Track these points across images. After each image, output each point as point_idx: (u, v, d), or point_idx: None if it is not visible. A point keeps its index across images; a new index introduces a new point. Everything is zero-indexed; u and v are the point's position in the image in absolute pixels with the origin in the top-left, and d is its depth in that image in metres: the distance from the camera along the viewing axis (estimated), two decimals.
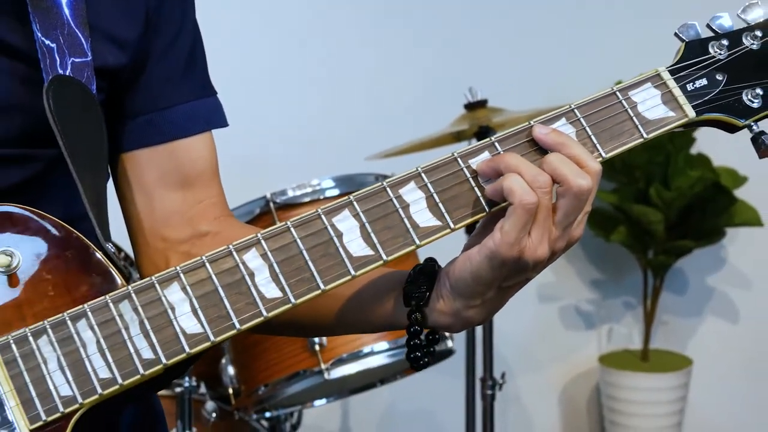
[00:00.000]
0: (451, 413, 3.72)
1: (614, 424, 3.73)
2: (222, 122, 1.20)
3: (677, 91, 1.04)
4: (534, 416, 3.96)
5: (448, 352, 2.42)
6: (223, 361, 2.31)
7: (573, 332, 3.97)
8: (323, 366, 2.16)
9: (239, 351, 2.32)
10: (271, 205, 2.25)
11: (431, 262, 1.04)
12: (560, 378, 3.99)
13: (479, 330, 2.83)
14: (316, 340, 2.16)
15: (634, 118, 1.02)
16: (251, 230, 1.22)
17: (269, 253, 0.96)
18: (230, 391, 2.30)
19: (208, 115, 1.18)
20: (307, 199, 2.28)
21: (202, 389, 2.27)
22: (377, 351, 2.21)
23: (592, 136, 1.00)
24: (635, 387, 3.64)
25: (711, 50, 1.06)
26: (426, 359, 1.03)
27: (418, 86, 3.56)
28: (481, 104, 2.71)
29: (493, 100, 2.77)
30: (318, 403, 2.50)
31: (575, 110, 1.00)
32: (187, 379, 2.13)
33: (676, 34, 1.07)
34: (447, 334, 2.31)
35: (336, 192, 2.30)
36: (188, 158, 1.16)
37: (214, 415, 2.23)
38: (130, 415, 1.11)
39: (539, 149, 0.98)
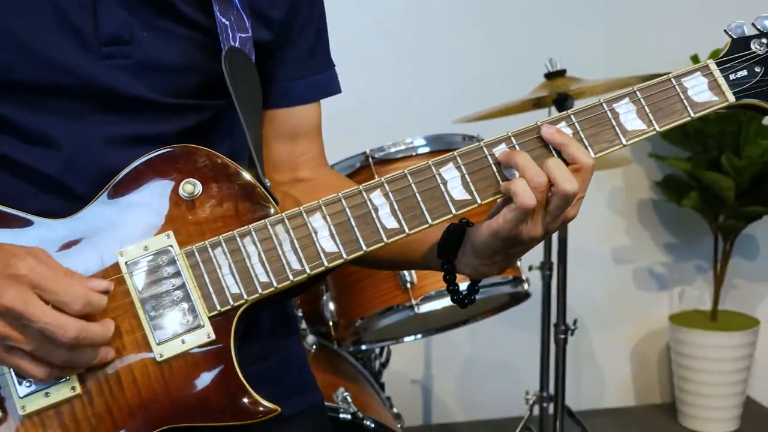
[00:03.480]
0: (526, 364, 3.89)
1: (683, 379, 3.87)
2: (336, 90, 1.43)
3: (721, 80, 1.22)
4: (606, 371, 4.12)
5: (525, 295, 2.64)
6: (324, 298, 2.54)
7: (645, 293, 4.11)
8: (413, 302, 2.41)
9: (339, 289, 2.55)
10: (370, 159, 2.47)
11: (463, 222, 1.26)
12: (632, 336, 4.14)
13: (554, 283, 3.05)
14: (407, 278, 2.41)
15: (685, 100, 1.21)
16: (341, 178, 1.49)
17: (390, 193, 1.18)
18: (330, 323, 2.54)
19: (325, 86, 1.42)
20: (401, 155, 2.49)
21: (303, 325, 2.48)
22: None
23: (649, 114, 1.20)
24: (704, 344, 3.78)
25: (752, 46, 1.24)
26: (465, 299, 1.29)
27: (504, 56, 3.71)
28: (560, 74, 2.89)
29: (572, 70, 2.94)
30: (407, 339, 2.75)
31: (637, 92, 1.21)
32: None
33: (725, 31, 1.25)
34: (524, 278, 2.56)
35: (427, 149, 2.51)
36: (301, 119, 1.40)
37: (314, 347, 2.45)
38: (269, 317, 1.33)
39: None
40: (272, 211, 1.19)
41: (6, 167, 1.20)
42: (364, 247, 1.18)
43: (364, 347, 2.63)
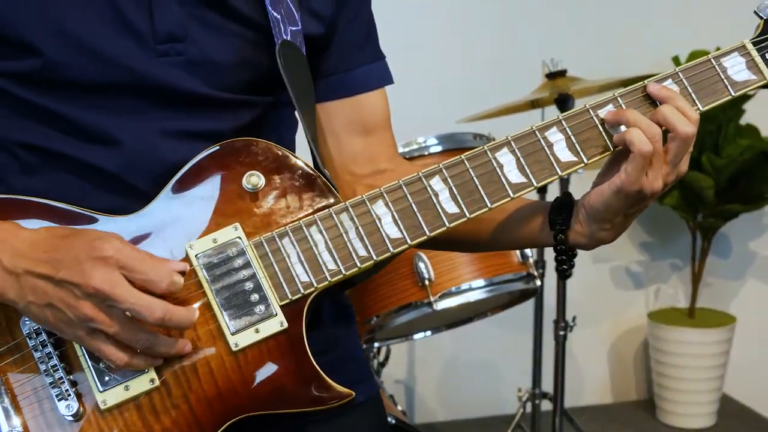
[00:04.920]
0: (507, 362, 3.98)
1: (662, 375, 3.94)
2: (390, 80, 1.44)
3: (758, 59, 1.25)
4: (584, 369, 4.17)
5: (534, 291, 2.67)
6: None
7: (622, 291, 4.18)
8: (432, 298, 2.43)
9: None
10: None
11: (568, 194, 1.30)
12: (609, 334, 4.20)
13: (551, 279, 3.09)
14: (425, 275, 2.42)
15: (725, 80, 1.25)
16: (416, 167, 1.48)
17: (449, 179, 1.20)
18: None
19: (381, 74, 1.42)
20: (415, 154, 2.51)
21: None
22: (476, 287, 2.47)
23: (692, 93, 1.24)
24: (682, 341, 3.85)
25: None
26: (569, 269, 1.31)
27: (503, 57, 3.74)
28: (561, 74, 2.94)
29: (572, 70, 2.99)
30: (417, 336, 2.77)
31: (679, 73, 1.24)
32: None
33: (755, 12, 1.29)
34: (536, 274, 2.59)
35: (439, 149, 2.53)
36: (369, 109, 1.40)
37: None
38: (329, 306, 1.35)
39: (651, 103, 1.23)
40: (333, 200, 1.21)
41: (66, 166, 1.20)
42: (428, 232, 1.20)
43: (376, 345, 2.63)
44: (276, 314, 1.15)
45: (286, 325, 1.15)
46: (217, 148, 1.19)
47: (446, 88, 3.66)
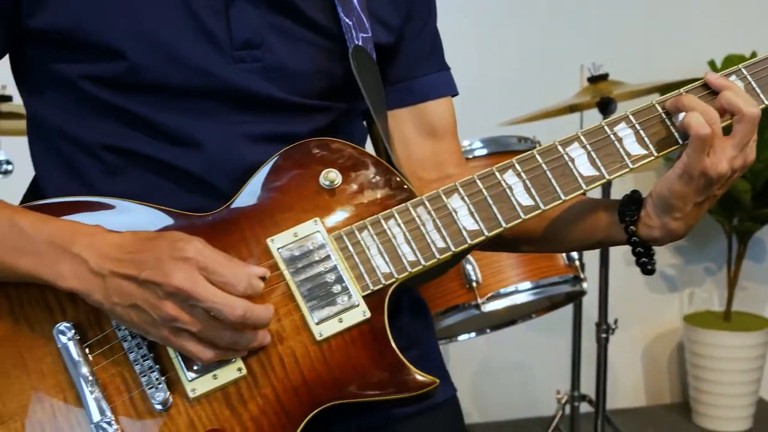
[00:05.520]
0: (542, 364, 3.99)
1: (698, 378, 3.94)
2: (455, 91, 1.47)
3: None
4: (619, 371, 4.16)
5: (580, 293, 2.69)
6: None
7: (657, 294, 4.18)
8: (479, 300, 2.45)
9: None
10: None
11: (636, 192, 1.30)
12: (644, 336, 4.20)
13: (594, 280, 3.10)
14: (473, 277, 2.44)
15: None
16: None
17: (522, 173, 1.23)
18: None
19: (446, 84, 1.45)
20: None
21: None
22: (522, 289, 2.50)
23: (756, 88, 1.25)
24: (719, 344, 3.85)
25: None
26: (651, 264, 1.30)
27: (543, 61, 3.75)
28: (603, 77, 2.95)
29: (614, 74, 3.01)
30: (461, 337, 2.79)
31: (742, 69, 1.26)
32: None
33: None
34: (582, 276, 2.60)
35: (484, 152, 2.54)
36: (436, 116, 1.43)
37: None
38: (407, 302, 1.39)
39: (711, 93, 1.24)
40: (408, 196, 1.24)
41: (148, 167, 1.23)
42: (504, 224, 1.22)
43: None
44: (359, 304, 1.18)
45: (369, 314, 1.17)
46: (295, 147, 1.23)
47: (487, 92, 3.65)
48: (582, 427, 3.32)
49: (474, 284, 2.44)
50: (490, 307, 2.45)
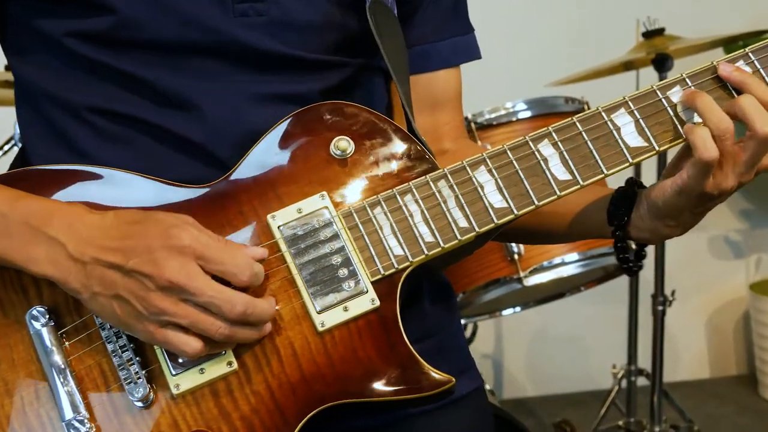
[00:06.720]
0: (600, 338, 3.89)
1: (765, 349, 3.79)
2: (477, 54, 1.34)
3: None
4: (681, 342, 4.04)
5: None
6: None
7: (721, 261, 4.04)
8: (521, 274, 2.32)
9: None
10: (473, 125, 2.37)
11: (632, 183, 1.17)
12: (708, 306, 4.07)
13: (651, 248, 2.94)
14: (515, 249, 2.31)
15: None
16: (481, 150, 1.37)
17: (559, 143, 1.09)
18: None
19: (467, 49, 1.33)
20: (504, 120, 2.37)
21: None
22: (568, 261, 2.36)
23: (766, 77, 1.10)
24: None
25: None
26: (634, 267, 1.19)
27: (594, 16, 3.62)
28: (659, 32, 2.78)
29: (670, 28, 2.84)
30: (505, 312, 2.65)
31: (750, 54, 1.11)
32: None
33: None
34: (634, 247, 2.44)
35: (528, 114, 2.39)
36: (442, 87, 1.32)
37: None
38: (428, 287, 1.25)
39: (724, 85, 1.10)
40: (429, 167, 1.10)
41: (142, 132, 1.12)
42: (536, 201, 1.09)
43: (462, 321, 2.52)
44: (367, 291, 1.05)
45: (378, 302, 1.05)
46: (303, 111, 1.11)
47: (534, 51, 3.55)
48: (640, 401, 3.20)
49: (516, 256, 2.32)
50: (533, 280, 2.33)
